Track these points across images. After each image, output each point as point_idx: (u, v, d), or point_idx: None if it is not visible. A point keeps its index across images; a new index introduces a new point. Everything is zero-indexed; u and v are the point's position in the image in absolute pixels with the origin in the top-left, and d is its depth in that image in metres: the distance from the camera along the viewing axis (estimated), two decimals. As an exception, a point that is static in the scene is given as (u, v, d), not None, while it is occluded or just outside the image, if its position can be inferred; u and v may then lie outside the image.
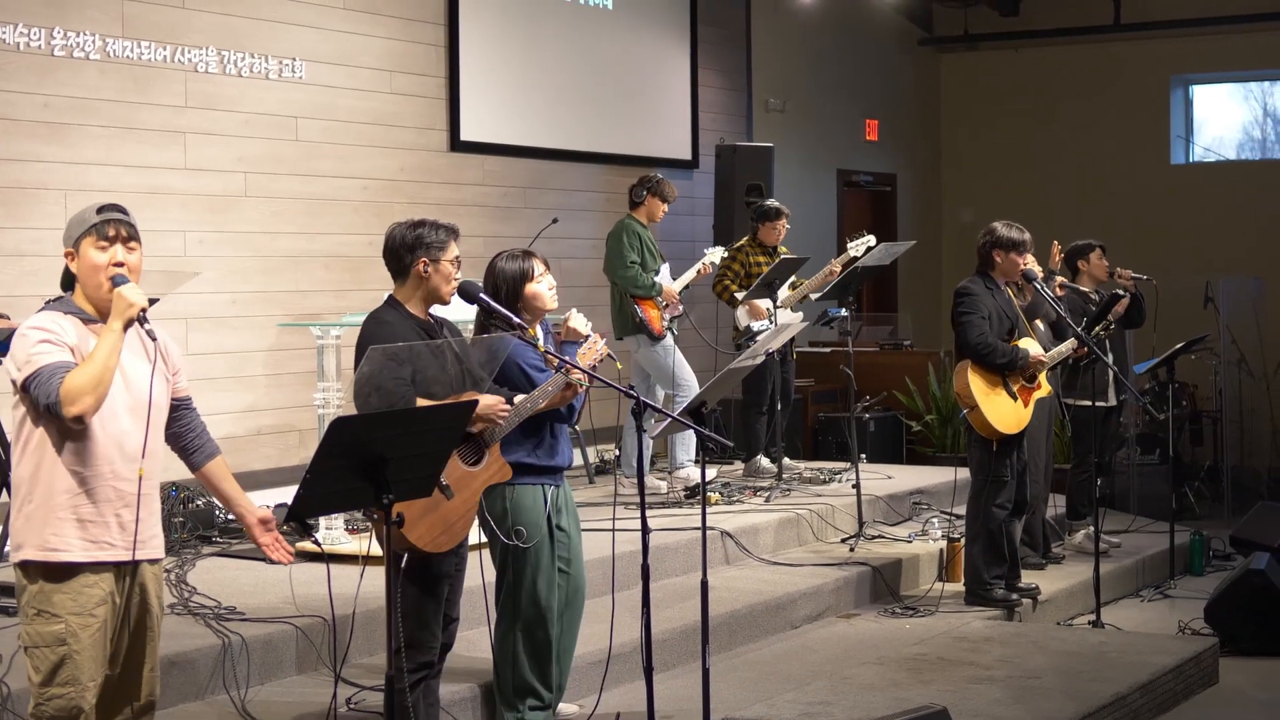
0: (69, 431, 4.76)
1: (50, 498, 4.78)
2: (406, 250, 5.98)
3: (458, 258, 6.06)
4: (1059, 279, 10.15)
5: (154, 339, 4.85)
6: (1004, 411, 8.94)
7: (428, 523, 5.74)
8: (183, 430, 5.19)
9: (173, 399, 5.11)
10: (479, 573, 6.66)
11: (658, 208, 10.95)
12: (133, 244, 4.90)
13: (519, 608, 6.45)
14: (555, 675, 6.61)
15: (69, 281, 4.96)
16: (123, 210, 4.93)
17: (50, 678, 4.76)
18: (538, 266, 6.49)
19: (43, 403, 4.67)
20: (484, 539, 6.52)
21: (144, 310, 4.77)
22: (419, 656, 5.97)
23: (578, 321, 6.41)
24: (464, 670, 6.95)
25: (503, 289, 6.43)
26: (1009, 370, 8.94)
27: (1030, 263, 9.22)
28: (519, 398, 6.15)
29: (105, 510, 4.83)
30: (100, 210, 4.88)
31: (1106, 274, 10.91)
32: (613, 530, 6.85)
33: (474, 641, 7.18)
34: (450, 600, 6.14)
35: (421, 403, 5.69)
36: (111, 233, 4.85)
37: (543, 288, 6.47)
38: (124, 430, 4.85)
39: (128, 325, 4.76)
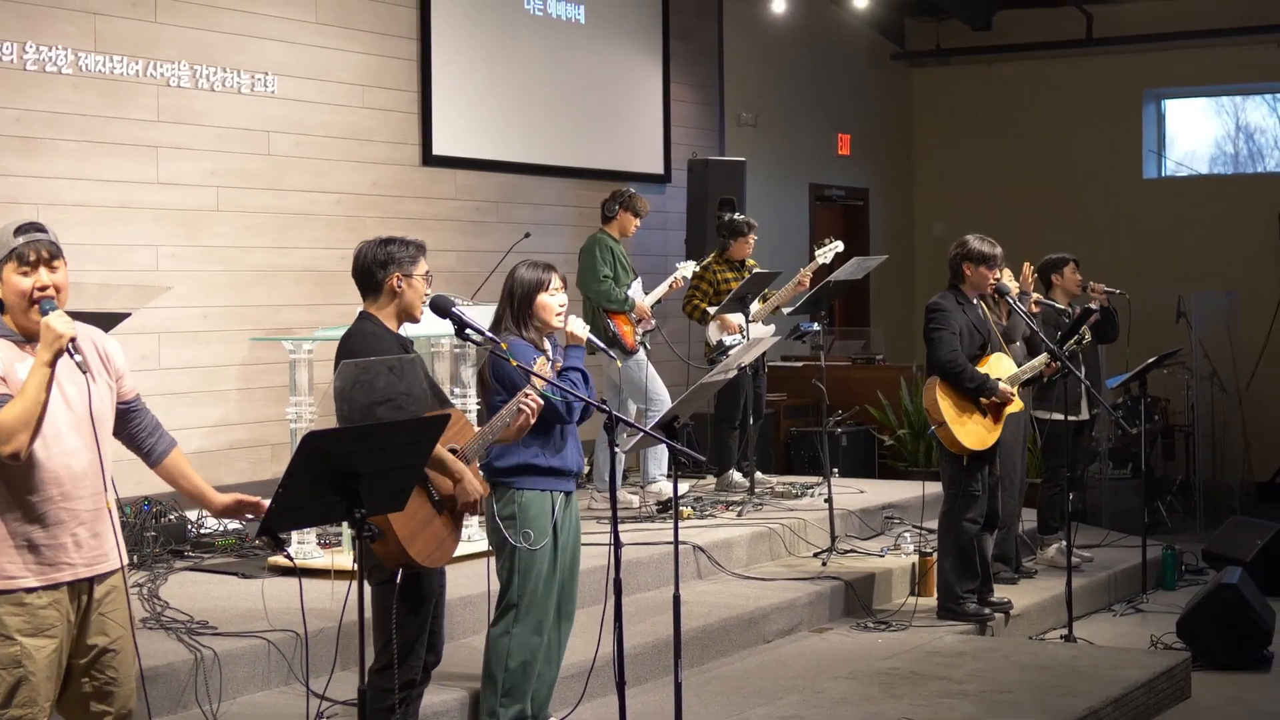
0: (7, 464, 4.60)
1: None
2: (379, 266, 5.98)
3: (428, 272, 6.07)
4: (1034, 296, 10.16)
5: (84, 371, 4.62)
6: (971, 429, 8.94)
7: (424, 538, 5.73)
8: (136, 430, 5.04)
9: (121, 403, 4.96)
10: (467, 582, 6.66)
11: (630, 222, 10.96)
12: (56, 262, 4.71)
13: (518, 612, 6.46)
14: (547, 680, 6.64)
15: None
16: (41, 228, 4.73)
17: (7, 700, 4.65)
18: (555, 280, 6.54)
19: None
20: (480, 548, 6.53)
21: (73, 340, 4.56)
22: (404, 675, 5.95)
23: (576, 325, 6.46)
24: (449, 676, 6.93)
25: (517, 293, 6.49)
26: (979, 395, 8.94)
27: (1007, 277, 9.26)
28: (481, 427, 6.18)
29: (59, 533, 4.70)
30: (18, 232, 4.68)
31: (1079, 288, 10.92)
32: (610, 545, 6.83)
33: (457, 648, 7.17)
34: (435, 616, 6.13)
35: None
36: (33, 257, 4.65)
37: (553, 302, 6.51)
38: (70, 450, 4.71)
39: (57, 356, 4.55)
